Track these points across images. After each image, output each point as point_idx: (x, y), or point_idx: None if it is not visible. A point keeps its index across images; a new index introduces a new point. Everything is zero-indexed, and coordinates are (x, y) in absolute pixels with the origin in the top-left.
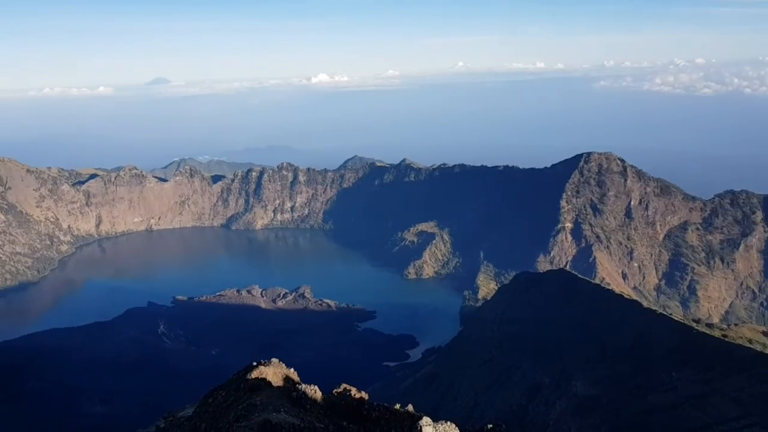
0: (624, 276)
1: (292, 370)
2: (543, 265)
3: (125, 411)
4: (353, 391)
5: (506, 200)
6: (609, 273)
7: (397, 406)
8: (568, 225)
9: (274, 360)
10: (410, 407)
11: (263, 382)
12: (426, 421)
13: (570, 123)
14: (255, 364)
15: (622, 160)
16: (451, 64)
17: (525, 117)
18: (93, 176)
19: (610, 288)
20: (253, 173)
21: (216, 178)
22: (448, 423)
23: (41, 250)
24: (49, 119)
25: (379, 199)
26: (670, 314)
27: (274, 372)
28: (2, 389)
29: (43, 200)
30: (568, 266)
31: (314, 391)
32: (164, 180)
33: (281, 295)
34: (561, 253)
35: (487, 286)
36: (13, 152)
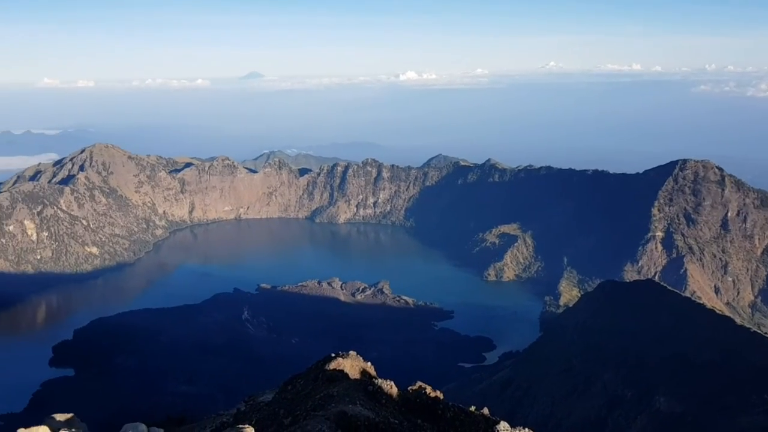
0: (716, 290)
1: (369, 363)
2: (630, 274)
3: (208, 392)
4: (428, 389)
5: (594, 205)
6: (700, 286)
7: (472, 408)
8: (659, 234)
9: (352, 353)
10: (486, 410)
11: (341, 374)
12: (504, 425)
13: (666, 128)
14: (333, 355)
15: (721, 169)
16: (542, 64)
17: (618, 120)
18: (188, 165)
19: (701, 302)
20: (339, 168)
21: (303, 171)
22: (526, 429)
23: (138, 233)
24: (150, 109)
25: (462, 199)
26: (766, 333)
27: (351, 364)
28: (96, 364)
29: (142, 186)
30: (656, 277)
31: (390, 387)
32: (254, 171)
33: (360, 289)
34: (650, 262)
35: (569, 292)
36: (117, 139)
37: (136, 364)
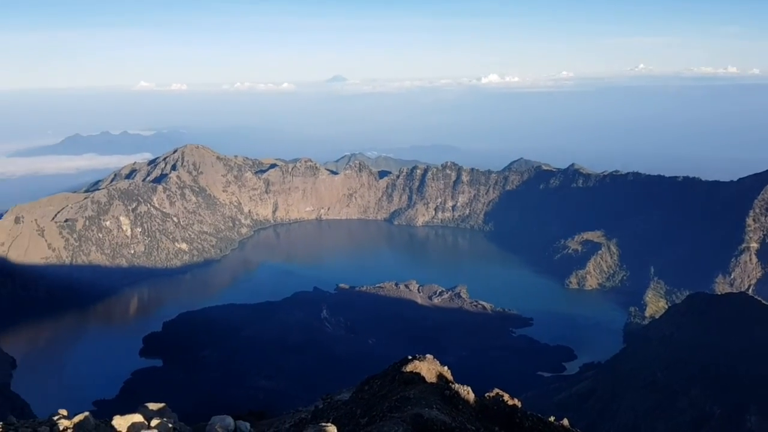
0: None
1: (446, 368)
2: (721, 286)
3: (287, 388)
4: (506, 396)
5: (684, 214)
6: None
7: (552, 418)
8: (754, 245)
9: (429, 356)
10: (565, 421)
11: (417, 377)
12: None
13: (763, 134)
14: (410, 357)
15: None
16: (631, 66)
17: (711, 125)
18: (273, 166)
19: None
20: (418, 171)
21: (382, 174)
22: None
23: (224, 231)
24: (238, 111)
25: (544, 204)
26: None
27: (428, 368)
28: (183, 356)
29: (229, 185)
30: (750, 290)
31: (467, 392)
32: (335, 173)
33: (437, 292)
34: (743, 275)
35: (656, 304)
36: (207, 140)
37: (220, 357)
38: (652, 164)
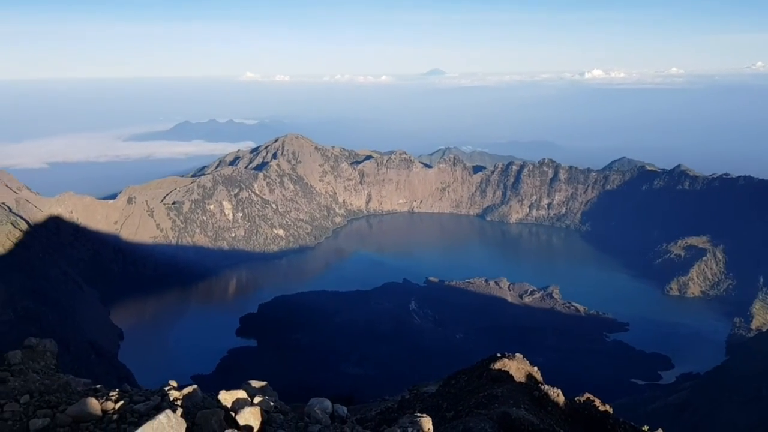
0: None
1: (535, 368)
2: None
3: (375, 376)
4: (597, 402)
5: None
6: None
7: (645, 428)
8: None
9: (518, 355)
10: None
11: (505, 375)
12: None
13: None
14: (499, 355)
15: None
16: (747, 63)
17: None
18: (368, 157)
19: None
20: (514, 167)
21: (477, 169)
22: None
23: (319, 219)
24: (337, 103)
25: (646, 206)
26: None
27: (517, 367)
28: (276, 337)
29: (325, 175)
30: None
31: (557, 394)
32: (429, 166)
33: (528, 291)
34: None
35: (763, 315)
36: (306, 130)
37: (311, 341)
38: (766, 167)
